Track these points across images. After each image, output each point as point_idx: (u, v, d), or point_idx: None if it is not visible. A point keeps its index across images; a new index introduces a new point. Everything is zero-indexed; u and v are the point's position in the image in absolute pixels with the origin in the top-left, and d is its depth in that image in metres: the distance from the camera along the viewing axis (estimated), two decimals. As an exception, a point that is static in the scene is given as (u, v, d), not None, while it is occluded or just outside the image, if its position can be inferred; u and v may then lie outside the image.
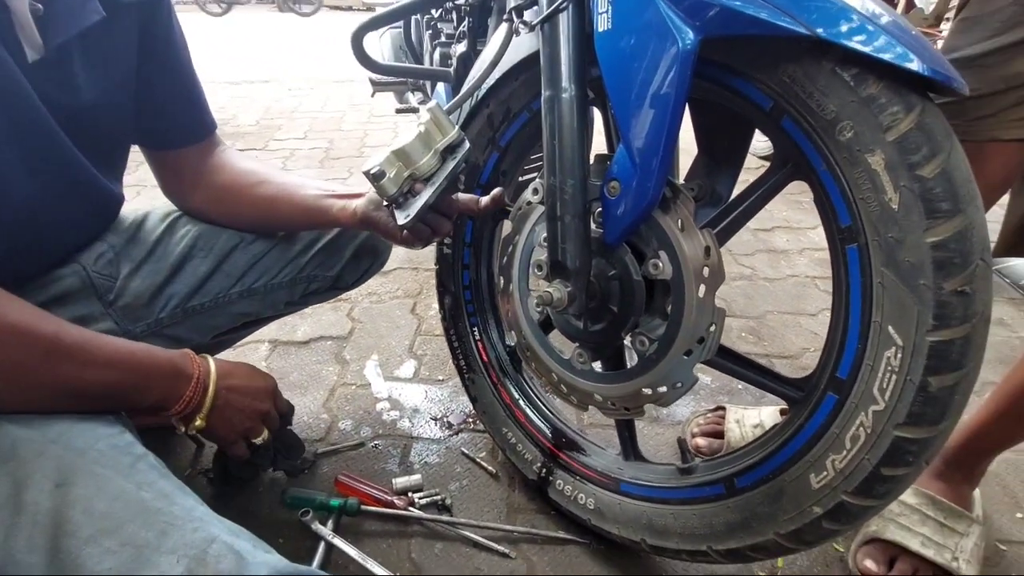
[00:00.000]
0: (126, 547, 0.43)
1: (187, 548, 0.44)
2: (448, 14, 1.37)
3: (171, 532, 0.45)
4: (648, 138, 0.57)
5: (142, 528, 0.45)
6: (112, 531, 0.44)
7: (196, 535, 0.45)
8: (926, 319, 0.49)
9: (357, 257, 0.94)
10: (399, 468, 0.98)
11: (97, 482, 0.46)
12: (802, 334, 1.39)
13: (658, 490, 0.75)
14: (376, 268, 1.00)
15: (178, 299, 0.78)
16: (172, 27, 0.74)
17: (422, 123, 0.65)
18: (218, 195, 0.82)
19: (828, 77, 0.50)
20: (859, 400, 0.54)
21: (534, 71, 0.76)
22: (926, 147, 0.47)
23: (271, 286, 0.87)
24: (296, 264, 0.89)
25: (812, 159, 0.54)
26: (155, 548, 0.44)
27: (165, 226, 0.81)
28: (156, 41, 0.71)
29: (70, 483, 0.46)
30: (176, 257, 0.78)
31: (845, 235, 0.54)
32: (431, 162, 0.66)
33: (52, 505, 0.45)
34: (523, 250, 0.78)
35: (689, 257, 0.61)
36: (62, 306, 0.65)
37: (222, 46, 5.97)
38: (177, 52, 0.75)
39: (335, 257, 0.92)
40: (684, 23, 0.52)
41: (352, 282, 0.97)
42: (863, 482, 0.54)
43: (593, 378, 0.73)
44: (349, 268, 0.94)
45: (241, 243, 0.84)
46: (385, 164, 0.64)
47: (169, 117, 0.77)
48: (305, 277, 0.91)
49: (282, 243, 0.88)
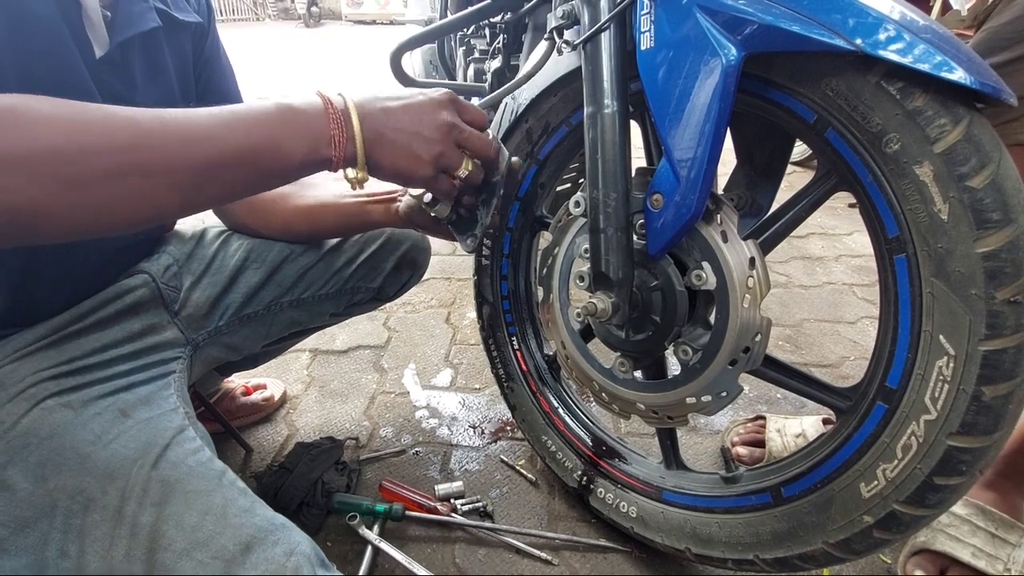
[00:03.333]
0: (216, 560, 0.47)
1: (268, 563, 0.48)
2: (481, 30, 1.41)
3: (255, 546, 0.48)
4: (692, 152, 0.58)
5: (229, 542, 0.48)
6: (203, 544, 0.48)
7: (276, 549, 0.49)
8: (978, 329, 0.49)
9: (398, 269, 0.97)
10: (440, 475, 1.00)
11: (187, 499, 0.50)
12: (841, 342, 1.38)
13: (703, 499, 0.75)
14: (416, 279, 1.03)
15: (234, 308, 0.82)
16: (219, 49, 0.79)
17: None
18: (266, 209, 0.86)
19: (873, 90, 0.51)
20: (910, 410, 0.54)
21: (572, 87, 0.78)
22: (975, 158, 0.47)
23: (318, 297, 0.91)
24: (340, 276, 0.92)
25: (858, 171, 0.55)
26: (241, 562, 0.47)
27: (220, 241, 0.85)
28: (207, 63, 0.76)
29: (166, 501, 0.50)
30: (232, 269, 0.82)
31: (893, 245, 0.54)
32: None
33: (150, 520, 0.48)
34: (563, 261, 0.79)
35: (733, 268, 0.62)
36: (134, 315, 0.69)
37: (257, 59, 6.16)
38: (224, 72, 0.80)
39: (377, 270, 0.95)
40: (727, 39, 0.54)
41: (393, 293, 1.01)
42: (915, 491, 0.54)
43: (636, 387, 0.74)
44: (390, 280, 0.97)
45: (290, 255, 0.88)
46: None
47: None
48: (350, 289, 0.94)
49: (328, 256, 0.91)
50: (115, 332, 0.66)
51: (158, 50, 0.66)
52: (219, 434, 1.02)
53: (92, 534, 0.48)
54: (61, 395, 0.57)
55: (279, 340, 0.95)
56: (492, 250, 0.96)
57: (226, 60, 0.81)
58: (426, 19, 2.00)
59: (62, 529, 0.48)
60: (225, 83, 0.81)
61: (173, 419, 0.59)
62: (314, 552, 0.51)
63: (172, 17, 0.67)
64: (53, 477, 0.50)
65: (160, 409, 0.61)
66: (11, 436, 0.52)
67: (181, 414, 0.61)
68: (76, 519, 0.48)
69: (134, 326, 0.68)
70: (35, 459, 0.51)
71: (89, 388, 0.59)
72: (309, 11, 11.88)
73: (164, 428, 0.57)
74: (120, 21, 0.59)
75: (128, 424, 0.56)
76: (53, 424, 0.54)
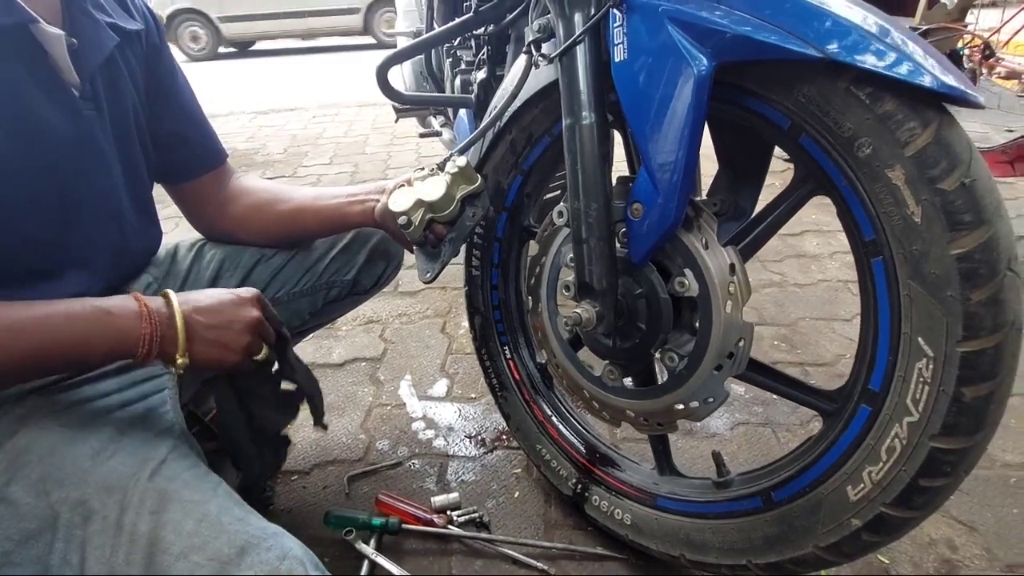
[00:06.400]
0: (212, 562, 0.49)
1: (263, 566, 0.49)
2: (467, 43, 1.42)
3: (249, 550, 0.50)
4: (668, 161, 0.59)
5: (224, 546, 0.50)
6: (199, 548, 0.49)
7: (270, 553, 0.50)
8: (955, 330, 0.49)
9: (371, 260, 0.98)
10: (437, 486, 1.01)
11: (184, 507, 0.52)
12: (836, 340, 1.37)
13: (695, 504, 0.75)
14: (391, 271, 1.03)
15: None
16: (174, 67, 0.80)
17: (449, 173, 0.72)
18: (244, 215, 0.88)
19: (843, 96, 0.51)
20: (893, 412, 0.54)
21: (553, 98, 0.78)
22: (945, 161, 0.48)
23: (293, 295, 0.92)
24: (314, 272, 0.93)
25: (832, 175, 0.55)
26: (236, 564, 0.49)
27: (194, 254, 0.87)
28: (163, 79, 0.78)
29: (163, 509, 0.51)
30: (207, 280, 0.84)
31: (870, 248, 0.54)
32: (454, 210, 0.72)
33: (148, 527, 0.50)
34: (550, 270, 0.80)
35: (715, 274, 0.62)
36: None
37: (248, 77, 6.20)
38: (180, 85, 0.82)
39: (350, 263, 0.96)
40: (698, 50, 0.54)
41: (369, 287, 1.01)
42: (901, 494, 0.54)
43: (624, 394, 0.75)
44: (364, 272, 0.98)
45: (262, 258, 0.89)
46: (411, 212, 0.70)
47: (183, 148, 0.83)
48: (324, 284, 0.95)
49: (300, 254, 0.93)
50: None
51: (116, 68, 0.67)
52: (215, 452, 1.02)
53: (93, 542, 0.50)
54: (58, 413, 0.58)
55: None
56: (482, 260, 0.97)
57: (183, 77, 0.83)
58: (415, 31, 2.01)
59: (64, 539, 0.50)
60: (185, 100, 0.82)
61: (167, 436, 0.61)
62: (307, 556, 0.53)
63: (121, 28, 0.68)
64: (55, 491, 0.52)
65: (156, 427, 0.62)
66: (12, 454, 0.54)
67: (177, 431, 0.63)
68: (78, 530, 0.50)
69: None
70: (36, 475, 0.53)
71: (83, 406, 0.61)
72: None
73: (159, 444, 0.59)
74: (84, 50, 0.61)
75: (125, 442, 0.58)
76: (53, 442, 0.55)
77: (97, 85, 0.63)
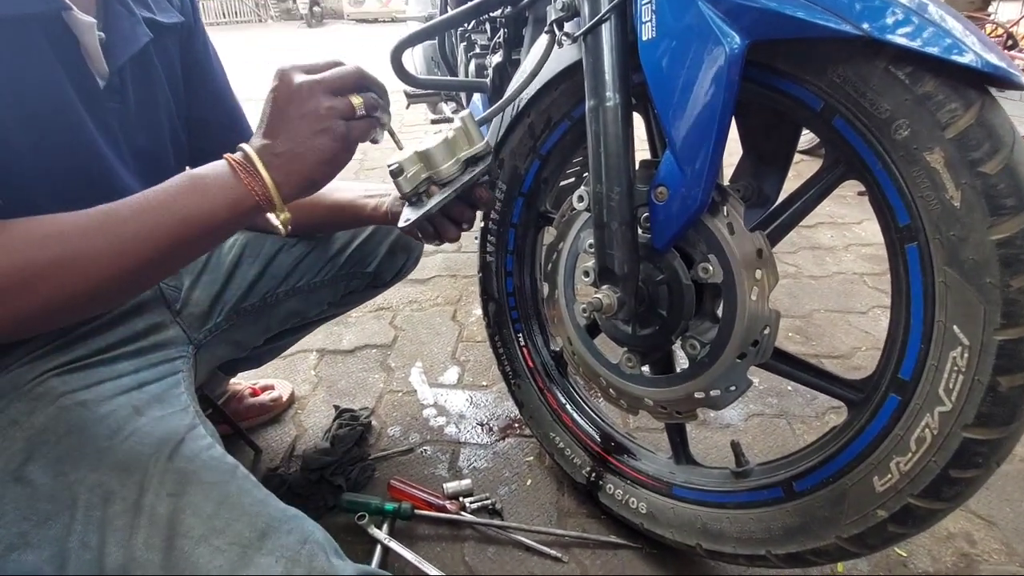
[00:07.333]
0: (233, 546, 0.48)
1: (284, 550, 0.49)
2: (482, 25, 1.40)
3: (270, 533, 0.49)
4: (696, 143, 0.57)
5: (245, 529, 0.49)
6: (220, 531, 0.49)
7: (291, 537, 0.50)
8: (994, 318, 0.47)
9: (392, 253, 0.98)
10: (448, 473, 1.00)
11: (203, 489, 0.51)
12: (852, 333, 1.36)
13: (713, 494, 0.74)
14: (411, 264, 1.03)
15: (232, 303, 0.83)
16: (208, 49, 0.78)
17: (451, 130, 0.65)
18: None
19: (881, 76, 0.49)
20: (924, 401, 0.53)
21: (574, 80, 0.77)
22: (988, 143, 0.46)
23: (313, 285, 0.92)
24: (335, 263, 0.93)
25: (867, 158, 0.53)
26: (257, 548, 0.48)
27: None
28: (196, 63, 0.76)
29: (182, 492, 0.51)
30: (228, 265, 0.84)
31: (904, 234, 0.53)
32: (451, 169, 0.65)
33: (167, 509, 0.49)
34: (568, 256, 0.79)
35: (740, 260, 0.61)
36: (138, 315, 0.70)
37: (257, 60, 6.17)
38: (215, 72, 0.80)
39: (371, 255, 0.96)
40: (730, 27, 0.53)
41: (389, 279, 1.01)
42: (930, 485, 0.53)
43: (643, 382, 0.74)
44: (385, 264, 0.97)
45: (284, 246, 0.88)
46: (406, 162, 0.64)
47: (215, 135, 0.81)
48: (345, 275, 0.95)
49: (321, 244, 0.92)
50: (120, 331, 0.66)
51: (149, 62, 0.66)
52: (228, 436, 1.02)
53: (112, 524, 0.49)
54: (75, 393, 0.57)
55: (280, 335, 0.96)
56: (496, 246, 0.96)
57: (217, 60, 0.81)
58: (426, 15, 1.99)
59: (83, 521, 0.49)
60: (217, 84, 0.80)
61: (184, 417, 0.60)
62: (327, 541, 0.52)
63: (158, 23, 0.66)
64: (73, 472, 0.51)
65: (172, 407, 0.61)
66: (30, 433, 0.53)
67: (192, 412, 0.62)
68: (97, 511, 0.50)
69: (138, 325, 0.68)
70: (54, 455, 0.52)
71: (99, 386, 0.60)
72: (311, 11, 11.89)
73: (177, 425, 0.58)
74: (115, 43, 0.59)
75: (142, 421, 0.57)
76: (70, 422, 0.55)
77: (126, 78, 0.62)
